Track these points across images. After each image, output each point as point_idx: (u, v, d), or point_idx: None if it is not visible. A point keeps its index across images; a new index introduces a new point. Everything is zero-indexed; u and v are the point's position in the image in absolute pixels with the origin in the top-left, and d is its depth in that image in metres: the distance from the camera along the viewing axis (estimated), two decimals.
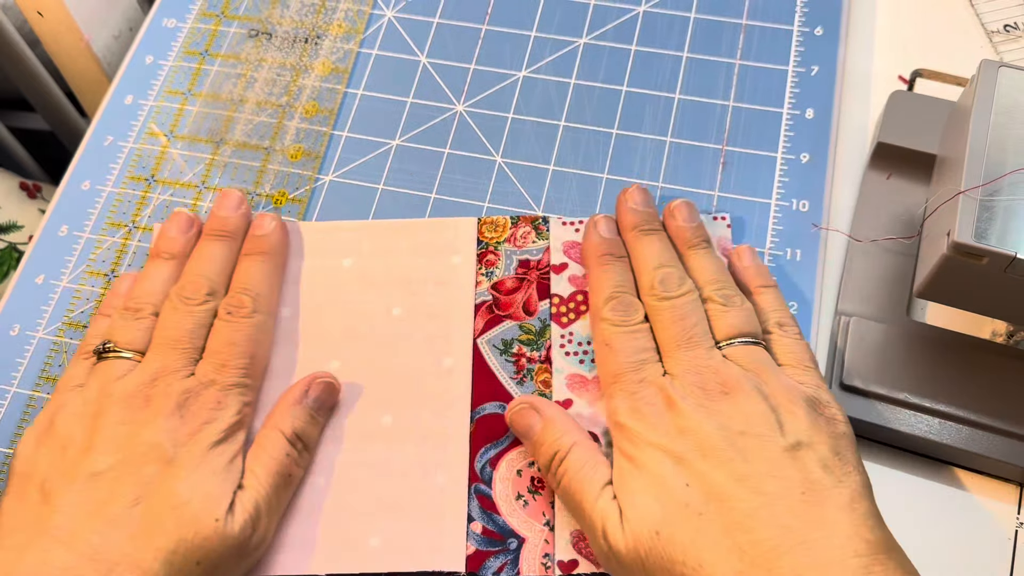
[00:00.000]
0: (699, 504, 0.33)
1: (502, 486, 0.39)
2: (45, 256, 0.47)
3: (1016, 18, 0.50)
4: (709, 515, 0.33)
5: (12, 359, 0.44)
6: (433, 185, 0.47)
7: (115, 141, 0.50)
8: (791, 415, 0.35)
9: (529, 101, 0.49)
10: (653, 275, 0.39)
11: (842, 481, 0.33)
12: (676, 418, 0.35)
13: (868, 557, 0.31)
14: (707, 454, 0.34)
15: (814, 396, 0.36)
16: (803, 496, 0.32)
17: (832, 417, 0.35)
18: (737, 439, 0.34)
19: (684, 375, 0.36)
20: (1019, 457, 0.39)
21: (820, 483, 0.33)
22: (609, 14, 0.51)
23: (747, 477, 0.33)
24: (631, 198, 0.42)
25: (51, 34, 0.61)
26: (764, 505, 0.32)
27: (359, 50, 0.51)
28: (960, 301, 0.38)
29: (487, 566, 0.38)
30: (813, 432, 0.34)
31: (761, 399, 0.35)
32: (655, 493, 0.34)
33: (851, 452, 0.34)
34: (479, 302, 0.43)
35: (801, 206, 0.45)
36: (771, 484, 0.33)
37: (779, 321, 0.39)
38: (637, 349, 0.38)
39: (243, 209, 0.44)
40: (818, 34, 0.49)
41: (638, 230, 0.41)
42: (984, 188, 0.35)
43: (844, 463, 0.34)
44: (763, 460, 0.34)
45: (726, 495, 0.33)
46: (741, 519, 0.32)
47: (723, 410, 0.35)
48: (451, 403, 0.41)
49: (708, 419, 0.35)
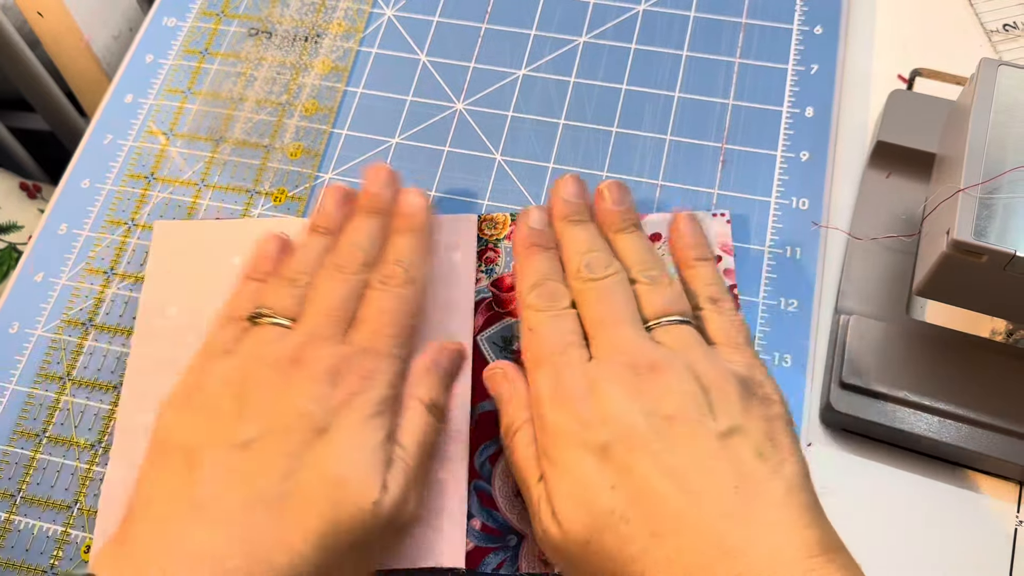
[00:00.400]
0: (624, 509, 0.31)
1: (502, 482, 0.39)
2: (44, 254, 0.47)
3: (1015, 17, 0.50)
4: (636, 521, 0.31)
5: (11, 356, 0.44)
6: (433, 183, 0.47)
7: (115, 139, 0.50)
8: (722, 395, 0.33)
9: (529, 99, 0.49)
10: (579, 259, 0.38)
11: (777, 471, 0.31)
12: (599, 403, 0.34)
13: (807, 561, 0.29)
14: (632, 445, 0.32)
15: (746, 376, 0.34)
16: (736, 491, 0.31)
17: (766, 397, 0.34)
18: (663, 426, 0.32)
19: (610, 356, 0.35)
20: (1019, 455, 0.39)
21: (754, 475, 0.31)
22: (609, 12, 0.51)
23: (675, 471, 0.31)
24: (564, 188, 0.41)
25: (51, 34, 0.61)
26: (693, 504, 0.31)
27: (359, 48, 0.52)
28: (960, 299, 0.38)
29: (486, 562, 0.38)
30: (746, 416, 0.33)
31: (691, 379, 0.33)
32: (580, 499, 0.32)
33: (786, 436, 0.33)
34: (479, 299, 0.43)
35: (801, 204, 0.45)
36: (700, 479, 0.31)
37: (711, 296, 0.38)
38: (562, 331, 0.36)
39: (395, 185, 0.42)
40: (818, 33, 0.49)
41: (567, 220, 0.40)
42: (983, 186, 0.35)
43: (778, 449, 0.32)
44: (692, 449, 0.32)
45: (653, 493, 0.31)
46: (669, 522, 0.31)
47: (650, 391, 0.33)
48: (451, 400, 0.41)
49: (633, 402, 0.33)
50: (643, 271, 0.38)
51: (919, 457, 0.41)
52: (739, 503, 0.31)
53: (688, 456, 0.32)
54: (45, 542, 0.41)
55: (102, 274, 0.46)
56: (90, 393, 0.43)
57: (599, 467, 0.33)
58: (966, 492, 0.40)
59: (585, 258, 0.38)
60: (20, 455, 0.43)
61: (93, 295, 0.46)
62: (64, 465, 0.42)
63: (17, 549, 0.41)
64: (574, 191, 0.41)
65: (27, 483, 0.42)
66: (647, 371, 0.34)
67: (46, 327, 0.45)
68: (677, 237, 0.40)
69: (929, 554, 0.39)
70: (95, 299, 0.45)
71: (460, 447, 0.40)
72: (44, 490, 0.42)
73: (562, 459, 0.33)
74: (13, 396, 0.44)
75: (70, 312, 0.45)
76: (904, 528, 0.39)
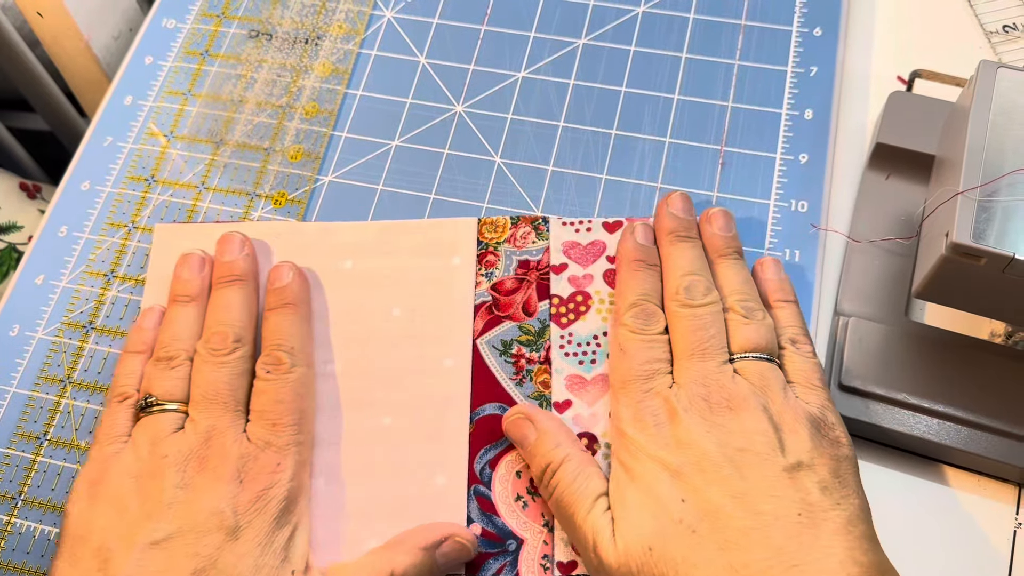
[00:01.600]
0: (693, 520, 0.33)
1: (501, 487, 0.39)
2: (45, 256, 0.47)
3: (1015, 19, 0.50)
4: (703, 532, 0.33)
5: (11, 359, 0.45)
6: (432, 186, 0.47)
7: (115, 141, 0.50)
8: (794, 435, 0.35)
9: (528, 102, 0.49)
10: (680, 281, 0.39)
11: (839, 504, 0.33)
12: (677, 430, 0.35)
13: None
14: (704, 469, 0.34)
15: (819, 417, 0.36)
16: (799, 518, 0.32)
17: (836, 439, 0.35)
18: (736, 456, 0.34)
19: (691, 386, 0.36)
20: (1017, 457, 0.39)
21: (817, 505, 0.33)
22: (608, 15, 0.51)
23: (744, 495, 0.33)
24: (672, 203, 0.42)
25: (51, 35, 0.61)
26: (759, 525, 0.32)
27: (359, 51, 0.52)
28: (958, 302, 0.38)
29: (486, 567, 0.38)
30: (815, 453, 0.34)
31: (765, 417, 0.35)
32: (650, 507, 0.34)
33: (852, 475, 0.34)
34: (479, 303, 0.43)
35: (800, 207, 0.45)
36: (768, 504, 0.33)
37: (792, 338, 0.39)
38: (650, 359, 0.38)
39: (247, 250, 0.43)
40: (817, 35, 0.49)
41: (674, 235, 0.41)
42: (982, 189, 0.35)
43: (844, 486, 0.34)
44: (761, 479, 0.33)
45: (721, 512, 0.33)
46: (735, 538, 0.32)
47: (725, 425, 0.35)
48: (450, 404, 0.41)
49: (708, 433, 0.35)
50: (740, 301, 0.39)
51: (918, 459, 0.41)
52: (801, 528, 0.32)
53: (756, 483, 0.34)
54: (45, 545, 0.41)
55: (102, 277, 0.46)
56: (90, 396, 0.43)
57: (672, 483, 0.34)
58: (965, 494, 0.40)
59: (686, 280, 0.39)
60: (21, 458, 0.43)
61: (94, 298, 0.46)
62: (65, 468, 0.42)
63: (18, 552, 0.41)
64: (683, 207, 0.42)
65: (28, 485, 0.42)
66: (725, 408, 0.35)
67: (46, 330, 0.45)
68: (763, 279, 0.41)
69: (928, 556, 0.39)
70: (95, 302, 0.45)
71: (458, 452, 0.40)
72: (45, 492, 0.42)
73: (638, 469, 0.35)
74: (14, 399, 0.44)
75: (71, 315, 0.45)
76: (903, 530, 0.39)
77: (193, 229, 0.46)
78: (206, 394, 0.38)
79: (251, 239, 0.44)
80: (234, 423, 0.38)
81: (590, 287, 0.43)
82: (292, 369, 0.39)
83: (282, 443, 0.38)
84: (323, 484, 0.40)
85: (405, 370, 0.42)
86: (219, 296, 0.41)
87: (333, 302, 0.44)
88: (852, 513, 0.33)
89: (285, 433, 0.38)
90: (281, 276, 0.42)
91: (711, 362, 0.37)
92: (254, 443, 0.37)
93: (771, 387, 0.36)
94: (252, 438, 0.37)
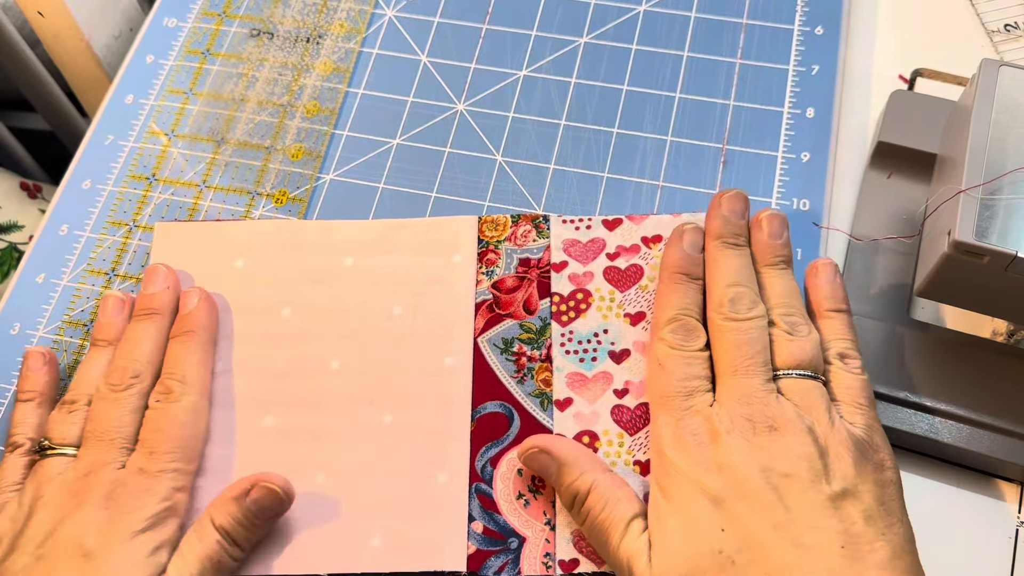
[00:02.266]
0: (733, 551, 0.32)
1: (503, 485, 0.39)
2: (46, 255, 0.47)
3: (1016, 17, 0.50)
4: (742, 564, 0.32)
5: (13, 358, 0.44)
6: (434, 184, 0.47)
7: (116, 140, 0.50)
8: (839, 460, 0.33)
9: (530, 100, 0.49)
10: (725, 292, 0.38)
11: (884, 534, 0.32)
12: (718, 452, 0.34)
13: None
14: (746, 495, 0.33)
15: (865, 439, 0.34)
16: (842, 551, 0.31)
17: (880, 463, 0.34)
18: (779, 482, 0.33)
19: (733, 405, 0.35)
20: (1019, 456, 0.39)
21: (861, 537, 0.32)
22: (609, 13, 0.51)
23: (786, 526, 0.32)
24: (726, 204, 0.40)
25: (51, 34, 0.61)
26: (801, 559, 0.31)
27: (360, 49, 0.51)
28: (961, 300, 0.38)
29: (488, 565, 0.38)
30: (859, 480, 0.33)
31: (810, 440, 0.34)
32: (688, 535, 0.33)
33: (896, 501, 0.33)
34: (479, 301, 0.43)
35: (802, 205, 0.45)
36: (810, 536, 0.32)
37: (841, 352, 0.37)
38: (689, 375, 0.37)
39: (169, 283, 0.43)
40: (819, 33, 0.49)
41: (720, 241, 0.40)
42: (985, 187, 0.35)
43: (888, 514, 0.33)
44: (804, 508, 0.32)
45: (762, 544, 0.32)
46: (776, 571, 0.32)
47: (768, 448, 0.34)
48: (451, 402, 0.41)
49: (751, 457, 0.34)
50: (785, 315, 0.37)
51: (920, 458, 0.41)
52: (844, 563, 0.31)
53: (799, 513, 0.33)
54: None
55: (103, 275, 0.46)
56: None
57: (712, 510, 0.33)
58: (967, 493, 0.40)
59: (731, 292, 0.38)
60: None
61: (95, 296, 0.46)
62: None
63: None
64: (736, 209, 0.40)
65: None
66: (767, 429, 0.34)
67: (48, 328, 0.45)
68: (815, 285, 0.39)
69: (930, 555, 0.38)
70: (97, 300, 0.45)
71: (460, 450, 0.40)
72: None
73: (677, 494, 0.34)
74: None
75: (71, 313, 0.45)
76: None
77: (194, 228, 0.46)
78: (94, 431, 0.38)
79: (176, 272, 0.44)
80: (116, 458, 0.38)
81: (590, 285, 0.43)
82: (180, 398, 0.39)
83: (155, 469, 0.37)
84: (323, 482, 0.40)
85: (406, 368, 0.42)
86: (131, 330, 0.41)
87: (334, 300, 0.43)
88: (897, 544, 0.32)
89: (160, 460, 0.38)
90: (187, 303, 0.42)
91: (755, 379, 0.36)
92: (128, 470, 0.37)
93: (816, 407, 0.35)
94: (128, 466, 0.38)
